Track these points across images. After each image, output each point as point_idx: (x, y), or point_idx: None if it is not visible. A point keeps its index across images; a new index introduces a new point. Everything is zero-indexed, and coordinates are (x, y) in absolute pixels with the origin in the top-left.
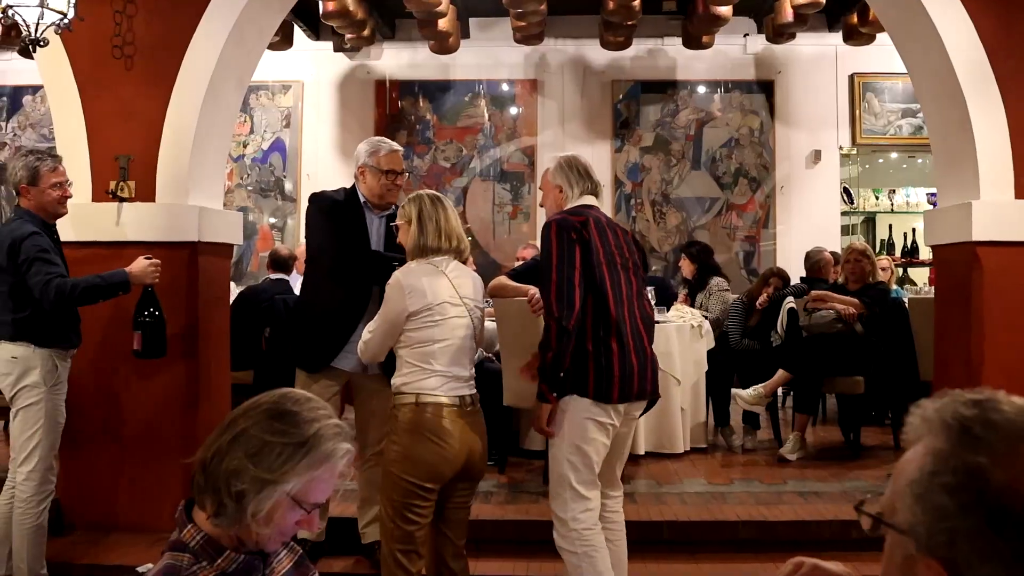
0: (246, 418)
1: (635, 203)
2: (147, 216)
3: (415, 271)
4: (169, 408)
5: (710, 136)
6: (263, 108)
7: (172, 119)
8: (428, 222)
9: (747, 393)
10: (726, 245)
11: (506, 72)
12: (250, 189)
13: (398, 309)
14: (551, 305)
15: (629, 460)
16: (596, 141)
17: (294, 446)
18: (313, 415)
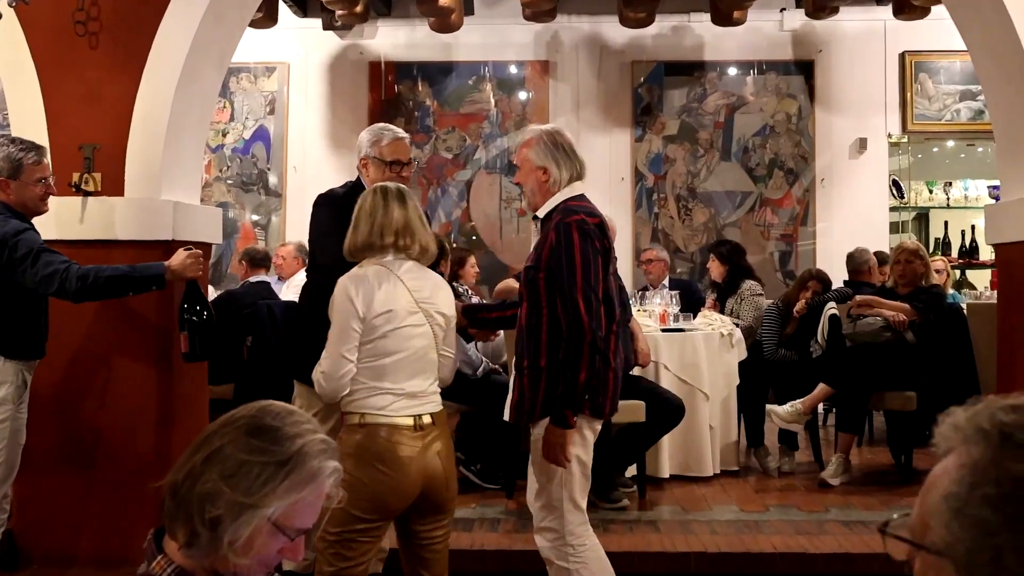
0: (221, 435)
1: (658, 198)
2: (115, 212)
3: (360, 275)
4: (139, 426)
5: (742, 123)
6: (244, 93)
7: (143, 104)
8: (365, 218)
9: (784, 410)
10: (759, 245)
11: (514, 53)
12: (230, 183)
13: (348, 316)
14: (580, 317)
15: (653, 484)
16: (614, 129)
17: (275, 465)
18: (296, 430)
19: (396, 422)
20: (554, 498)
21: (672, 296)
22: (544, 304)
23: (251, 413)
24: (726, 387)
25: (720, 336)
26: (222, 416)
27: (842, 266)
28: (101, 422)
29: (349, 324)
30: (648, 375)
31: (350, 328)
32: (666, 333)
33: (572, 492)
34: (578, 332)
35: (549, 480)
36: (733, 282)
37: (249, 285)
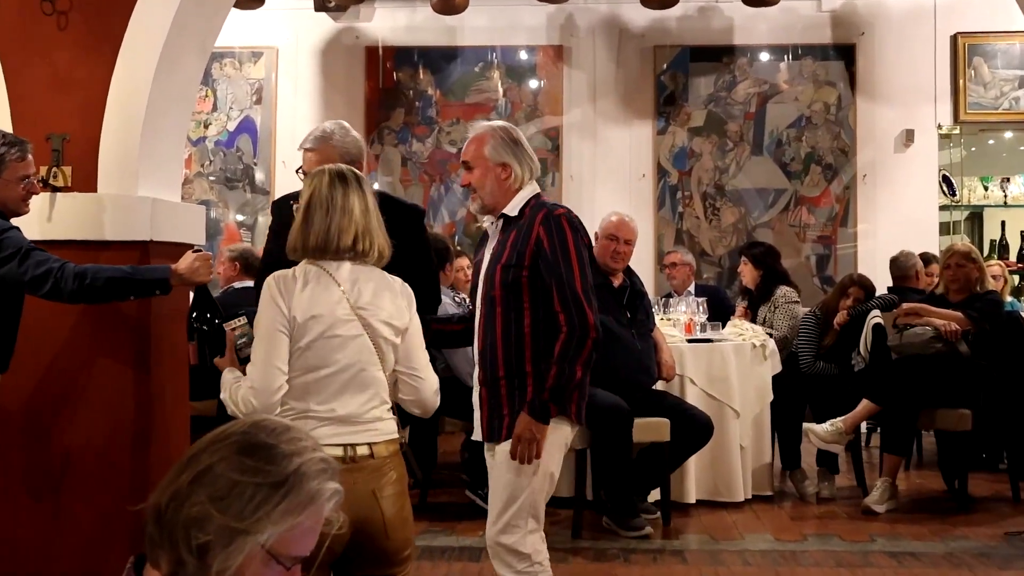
0: (210, 453)
1: (682, 196)
2: (86, 209)
3: (286, 273)
4: (114, 446)
5: (775, 114)
6: (228, 80)
7: (118, 91)
8: (317, 211)
9: (823, 429)
10: (794, 247)
11: (525, 37)
12: (213, 179)
13: (274, 319)
14: (585, 312)
15: (678, 510)
16: (634, 121)
17: (270, 487)
18: (293, 448)
19: None
20: (521, 516)
21: (699, 303)
22: (527, 306)
23: (243, 429)
24: (758, 403)
25: (752, 347)
26: (211, 432)
27: (886, 271)
28: (71, 440)
29: (276, 328)
30: (673, 390)
31: (277, 332)
32: (692, 344)
33: (538, 506)
34: (582, 329)
35: (515, 498)
36: (766, 288)
37: (233, 291)
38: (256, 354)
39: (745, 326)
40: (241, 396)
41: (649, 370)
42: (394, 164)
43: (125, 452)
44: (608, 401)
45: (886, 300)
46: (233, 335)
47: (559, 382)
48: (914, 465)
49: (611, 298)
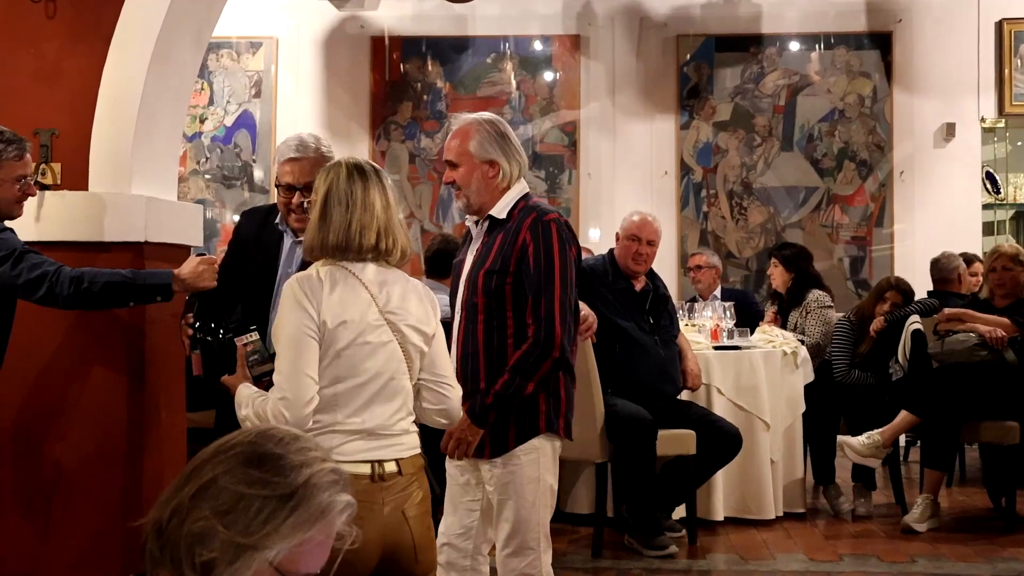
0: (214, 464)
1: (707, 195)
2: (77, 208)
3: (309, 275)
4: (106, 459)
5: (806, 107)
6: (226, 72)
7: (110, 83)
8: (335, 207)
9: (859, 442)
10: (826, 249)
11: (539, 26)
12: (209, 177)
13: (301, 323)
14: (553, 329)
15: (705, 528)
16: (656, 115)
17: (278, 500)
18: (302, 458)
19: (352, 470)
20: (530, 537)
21: (725, 308)
22: (510, 315)
23: (249, 439)
24: (790, 415)
25: (783, 355)
26: (214, 443)
27: (925, 274)
28: (62, 453)
29: (304, 334)
30: (699, 400)
31: (307, 338)
32: (719, 351)
33: (546, 525)
34: (547, 344)
35: (523, 519)
36: (798, 292)
37: None
38: (283, 363)
39: (775, 332)
40: (270, 410)
41: (673, 379)
42: (401, 161)
43: (117, 466)
44: (630, 412)
45: (926, 305)
46: (245, 351)
47: (506, 391)
48: (957, 481)
49: (633, 303)
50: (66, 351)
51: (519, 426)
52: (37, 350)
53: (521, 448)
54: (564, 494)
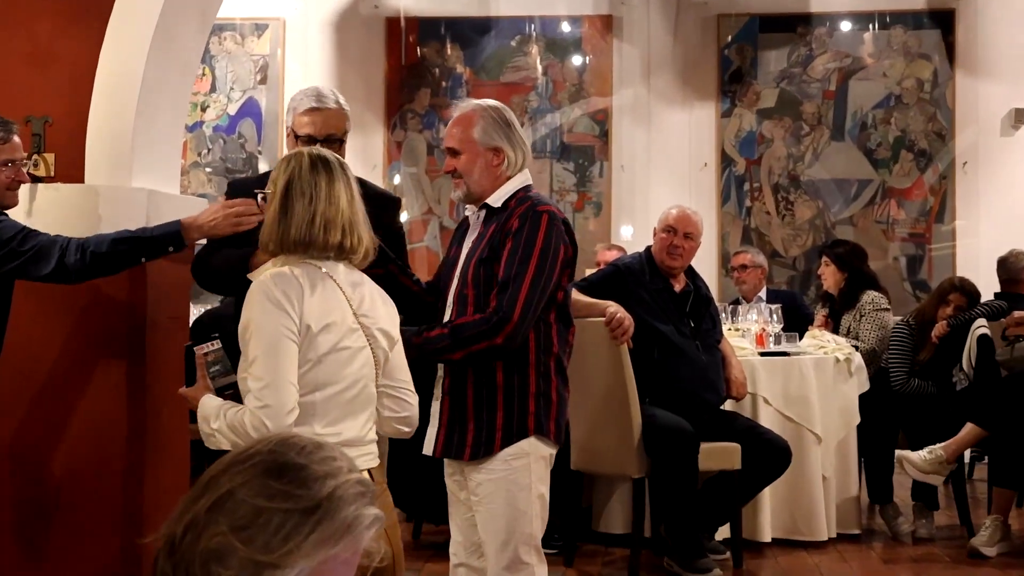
0: (231, 475)
1: (750, 189)
2: (73, 202)
3: (291, 277)
4: (104, 472)
5: (859, 92)
6: (229, 57)
7: (108, 67)
8: (298, 199)
9: (919, 457)
10: (880, 247)
11: (567, 5)
12: (211, 170)
13: (280, 325)
14: (511, 312)
15: (751, 550)
16: (694, 102)
17: (300, 513)
18: (327, 468)
19: None
20: (521, 552)
21: (772, 311)
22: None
23: (268, 448)
24: (843, 427)
25: (835, 362)
26: (230, 452)
27: (990, 274)
28: (57, 466)
29: (284, 336)
30: (744, 411)
31: (287, 341)
32: (766, 358)
33: (539, 535)
34: (496, 326)
35: (515, 530)
36: (851, 293)
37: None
38: (262, 369)
39: (826, 337)
40: (249, 421)
41: (716, 387)
42: (418, 152)
43: (117, 479)
44: (669, 423)
45: (993, 308)
46: (205, 360)
47: (432, 344)
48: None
49: (672, 304)
50: (62, 356)
51: (506, 426)
52: (32, 356)
53: (509, 452)
54: (598, 512)
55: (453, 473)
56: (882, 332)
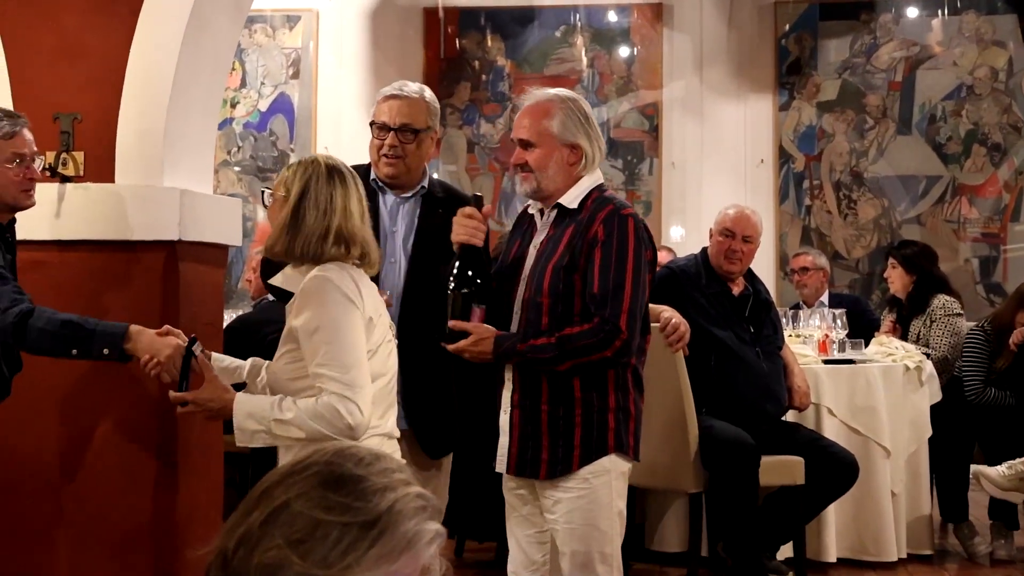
0: (287, 487)
1: (810, 186)
2: (103, 203)
3: (344, 271)
4: (135, 483)
5: (927, 83)
6: (260, 50)
7: (139, 61)
8: (311, 210)
9: (997, 473)
10: (951, 248)
11: None
12: (240, 169)
13: (352, 313)
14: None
15: (815, 570)
16: (749, 95)
17: (359, 527)
18: (386, 481)
19: None
20: (600, 571)
21: (835, 316)
22: (577, 319)
23: (325, 459)
24: (914, 440)
25: (904, 370)
26: (285, 463)
27: None
28: (85, 478)
29: (356, 323)
30: (807, 422)
31: (360, 328)
32: (830, 366)
33: (618, 554)
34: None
35: (598, 551)
36: (921, 297)
37: (266, 306)
38: (341, 358)
39: (895, 344)
40: (340, 406)
41: (778, 397)
42: (458, 150)
43: (148, 492)
44: (728, 435)
45: None
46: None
47: (538, 354)
48: None
49: (730, 309)
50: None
51: (585, 443)
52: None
53: (588, 470)
54: (652, 529)
55: (518, 487)
56: (955, 339)
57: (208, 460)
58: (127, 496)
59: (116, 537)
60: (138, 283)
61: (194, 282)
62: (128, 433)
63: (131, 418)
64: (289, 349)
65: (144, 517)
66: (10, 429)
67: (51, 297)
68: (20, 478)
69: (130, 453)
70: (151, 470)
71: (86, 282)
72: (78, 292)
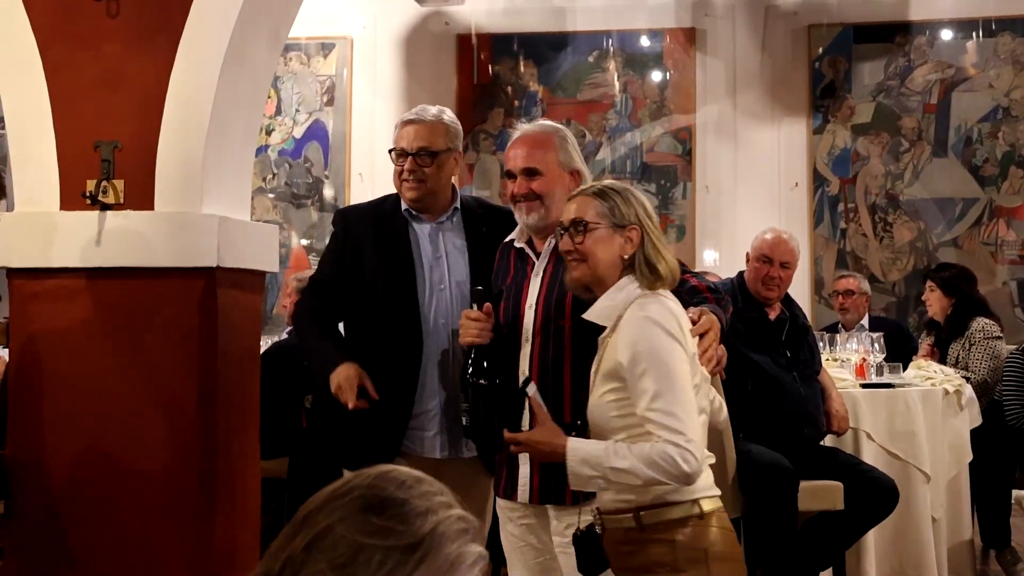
0: (329, 511)
1: (845, 209)
2: (142, 230)
3: (659, 306)
4: (174, 510)
5: (963, 105)
6: (294, 77)
7: (178, 89)
8: (660, 239)
9: None
10: (988, 270)
11: (648, 18)
12: (275, 196)
13: (682, 358)
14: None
15: None
16: (784, 118)
17: (402, 551)
18: (428, 504)
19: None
20: None
21: (873, 340)
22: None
23: (367, 483)
24: (955, 464)
25: (944, 394)
26: (327, 487)
27: None
28: (122, 507)
29: (682, 362)
30: (845, 447)
31: (686, 367)
32: (868, 390)
33: None
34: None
35: None
36: (959, 320)
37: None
38: (672, 401)
39: (933, 368)
40: (675, 453)
41: (816, 421)
42: (492, 175)
43: (186, 520)
44: (766, 459)
45: None
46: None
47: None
48: None
49: (767, 333)
50: (131, 390)
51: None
52: (98, 390)
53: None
54: None
55: (524, 516)
56: (995, 362)
57: (246, 486)
58: (166, 523)
59: (155, 564)
60: (177, 309)
61: (232, 308)
62: (167, 460)
63: (170, 445)
64: (613, 388)
65: (183, 544)
66: (44, 453)
67: (90, 325)
68: (58, 506)
69: (169, 480)
70: (190, 497)
71: (125, 309)
72: (118, 319)
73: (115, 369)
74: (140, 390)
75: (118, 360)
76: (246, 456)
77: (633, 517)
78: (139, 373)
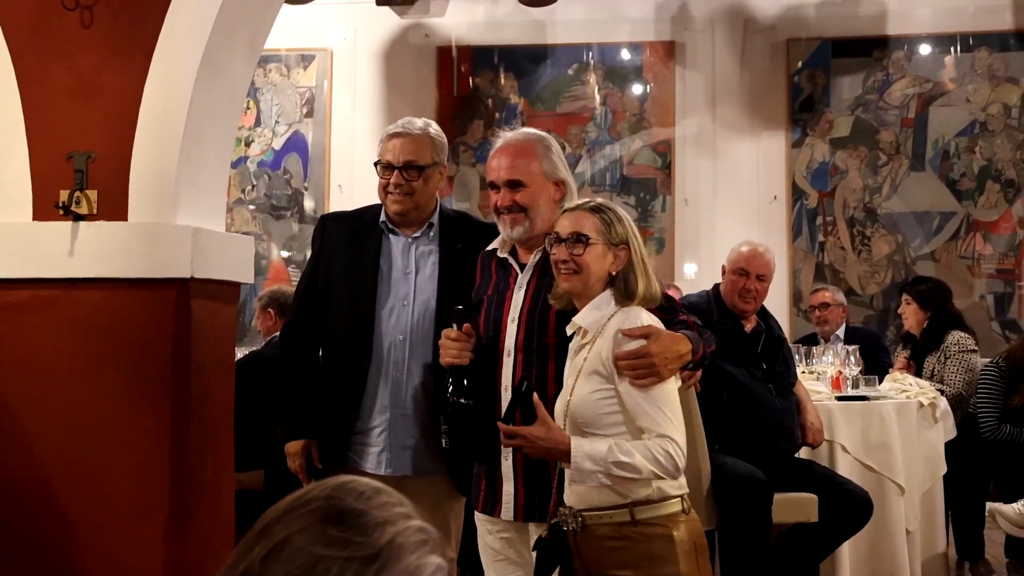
0: (287, 522)
1: (823, 223)
2: (115, 241)
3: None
4: (146, 520)
5: (941, 119)
6: (274, 88)
7: (152, 99)
8: (645, 260)
9: (1013, 510)
10: (965, 284)
11: (628, 32)
12: (255, 207)
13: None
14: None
15: None
16: (763, 132)
17: (360, 562)
18: (386, 514)
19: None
20: None
21: (849, 352)
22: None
23: (325, 494)
24: (929, 477)
25: (919, 407)
26: (286, 498)
27: None
28: (95, 518)
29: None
30: (820, 459)
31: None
32: (843, 402)
33: None
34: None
35: None
36: (935, 334)
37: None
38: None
39: (909, 381)
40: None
41: (791, 434)
42: (471, 187)
43: (159, 532)
44: (740, 472)
45: None
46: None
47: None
48: None
49: (742, 346)
50: (103, 399)
51: None
52: (72, 398)
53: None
54: None
55: (504, 530)
56: (969, 375)
57: (220, 497)
58: (140, 535)
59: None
60: (150, 320)
61: (206, 319)
62: (140, 471)
63: (144, 456)
64: (599, 387)
65: (155, 555)
66: (18, 465)
67: (63, 335)
68: (28, 516)
69: (142, 491)
70: (164, 508)
71: (99, 319)
72: (91, 329)
73: (88, 380)
74: (113, 401)
75: (91, 371)
76: (220, 468)
77: (628, 511)
78: (112, 384)
